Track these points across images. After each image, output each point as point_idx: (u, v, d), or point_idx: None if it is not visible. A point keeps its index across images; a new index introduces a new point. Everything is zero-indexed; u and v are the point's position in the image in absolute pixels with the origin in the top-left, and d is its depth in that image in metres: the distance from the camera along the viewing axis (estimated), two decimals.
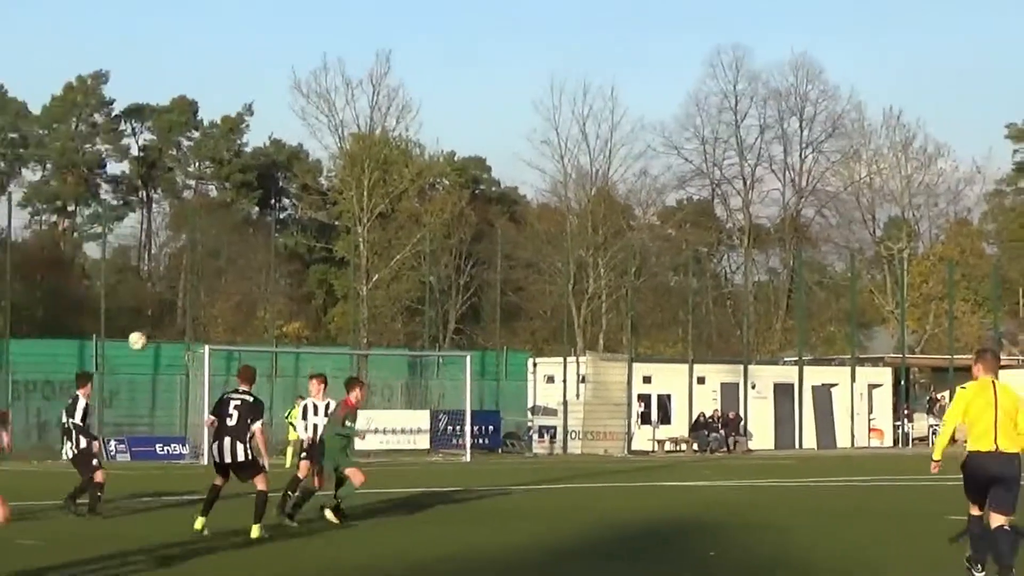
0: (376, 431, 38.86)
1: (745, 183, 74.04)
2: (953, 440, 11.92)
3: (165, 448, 37.33)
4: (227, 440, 15.02)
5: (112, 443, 37.16)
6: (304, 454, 17.50)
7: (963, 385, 11.79)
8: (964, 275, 68.38)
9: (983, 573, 11.38)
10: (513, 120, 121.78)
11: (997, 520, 11.12)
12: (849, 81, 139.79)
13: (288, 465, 34.36)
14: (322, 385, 17.89)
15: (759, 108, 74.10)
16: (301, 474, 17.08)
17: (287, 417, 35.94)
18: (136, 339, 19.29)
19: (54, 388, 39.71)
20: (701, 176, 74.98)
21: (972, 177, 71.08)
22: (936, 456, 11.79)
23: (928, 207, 70.78)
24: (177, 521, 16.08)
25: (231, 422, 15.08)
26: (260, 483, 15.08)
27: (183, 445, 37.14)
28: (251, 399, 15.29)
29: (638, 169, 64.91)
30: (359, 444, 18.50)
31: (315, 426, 17.34)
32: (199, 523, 14.99)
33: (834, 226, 72.71)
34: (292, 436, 35.53)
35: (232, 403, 15.25)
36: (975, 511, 11.56)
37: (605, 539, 14.87)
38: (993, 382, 11.46)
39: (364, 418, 38.95)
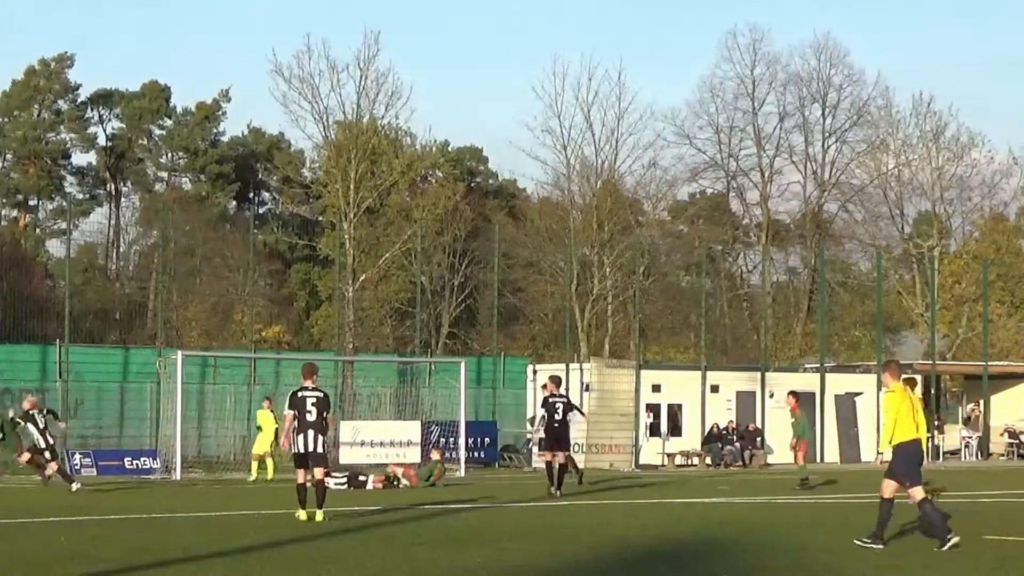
0: (363, 443, 38.91)
1: (763, 175, 74.11)
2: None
3: (134, 462, 37.35)
4: (310, 433, 18.74)
5: (77, 457, 37.17)
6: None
7: (891, 389, 16.01)
8: (1000, 275, 68.46)
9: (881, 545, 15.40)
10: (512, 107, 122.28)
11: (920, 493, 15.69)
12: (876, 65, 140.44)
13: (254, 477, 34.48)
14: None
15: (778, 94, 74.25)
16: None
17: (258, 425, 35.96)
18: None
19: (14, 396, 39.71)
20: (715, 168, 75.11)
21: (1009, 169, 71.11)
22: (882, 449, 15.94)
23: (961, 201, 70.81)
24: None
25: (311, 417, 18.75)
26: (322, 472, 18.97)
27: (154, 459, 37.13)
28: (323, 394, 19.06)
29: (647, 160, 64.87)
30: (346, 458, 19.38)
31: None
32: (304, 514, 18.68)
33: (859, 222, 72.75)
34: (260, 448, 35.53)
35: (309, 400, 18.78)
36: (921, 492, 15.65)
37: (610, 560, 14.87)
38: (904, 385, 16.02)
39: (350, 429, 39.44)
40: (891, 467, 15.85)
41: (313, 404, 18.86)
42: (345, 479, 29.49)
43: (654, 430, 45.62)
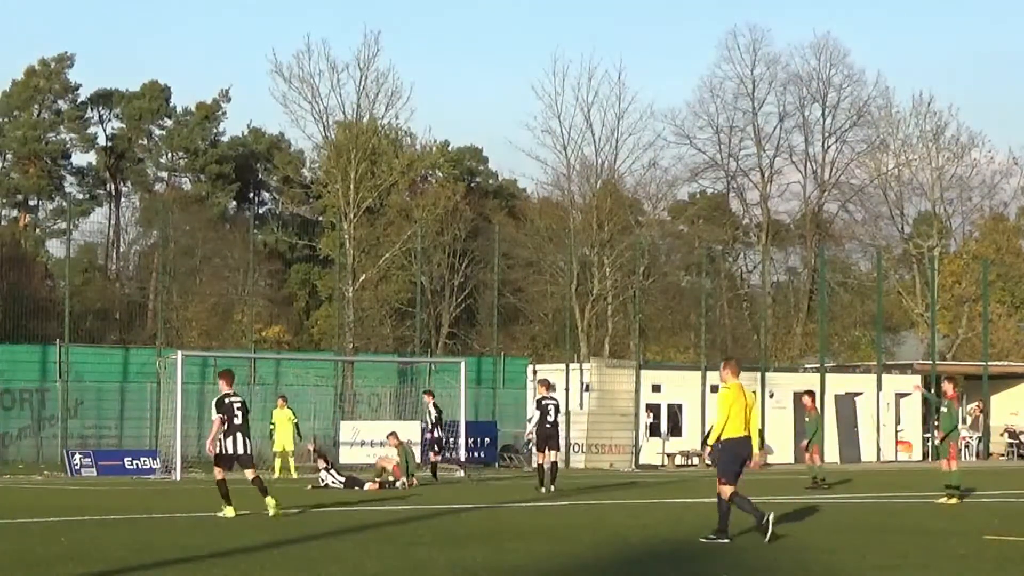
0: (363, 443, 38.95)
1: (763, 175, 74.11)
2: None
3: (134, 462, 37.36)
4: (239, 435, 19.84)
5: (77, 457, 37.17)
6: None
7: (726, 386, 16.36)
8: (1000, 275, 68.50)
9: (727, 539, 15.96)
10: (512, 107, 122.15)
11: (728, 492, 16.18)
12: (876, 65, 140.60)
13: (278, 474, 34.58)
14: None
15: (778, 94, 74.25)
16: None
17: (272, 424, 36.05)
18: None
19: (14, 396, 39.78)
20: (715, 168, 75.10)
21: (1009, 169, 71.18)
22: (711, 442, 16.40)
23: (961, 201, 70.84)
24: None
25: (238, 420, 19.85)
26: (253, 473, 20.05)
27: (154, 459, 37.14)
28: (242, 398, 20.25)
29: (647, 160, 64.80)
30: (346, 458, 19.47)
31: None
32: (231, 511, 19.57)
33: (859, 222, 72.80)
34: (278, 445, 35.74)
35: (235, 404, 19.91)
36: (731, 489, 16.13)
37: (609, 560, 14.87)
38: (741, 384, 16.38)
39: (350, 429, 39.45)
40: (719, 461, 16.58)
41: (239, 408, 20.02)
42: (343, 480, 29.52)
43: (654, 430, 45.64)
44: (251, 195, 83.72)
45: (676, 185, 71.25)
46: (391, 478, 30.05)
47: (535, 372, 46.46)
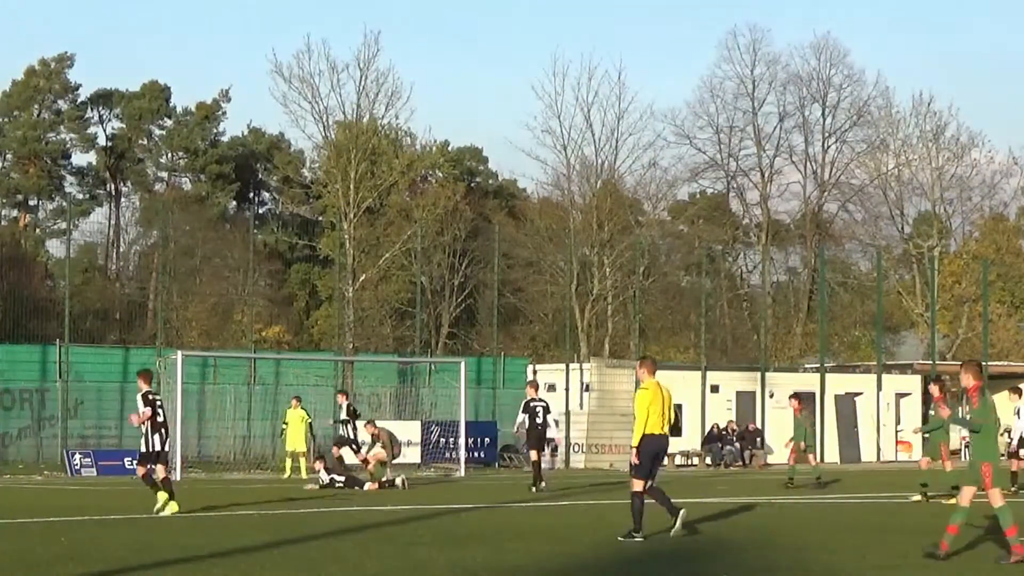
0: (363, 443, 38.88)
1: (763, 175, 74.13)
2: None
3: (134, 462, 37.28)
4: (163, 432, 20.76)
5: (77, 457, 37.17)
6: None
7: (644, 386, 16.83)
8: (1000, 275, 68.48)
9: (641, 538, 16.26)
10: (512, 107, 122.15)
11: (637, 486, 16.60)
12: (876, 65, 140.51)
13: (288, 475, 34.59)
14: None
15: (778, 94, 74.27)
16: None
17: (284, 423, 36.02)
18: None
19: (14, 396, 39.75)
20: (715, 168, 75.12)
21: (1009, 169, 71.12)
22: (634, 444, 16.63)
23: (961, 201, 70.81)
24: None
25: (160, 418, 20.71)
26: (165, 470, 20.98)
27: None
28: (160, 398, 21.22)
29: (647, 160, 64.85)
30: (346, 458, 19.32)
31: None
32: (175, 506, 20.14)
33: (859, 222, 72.79)
34: (291, 445, 35.73)
35: (158, 402, 20.83)
36: (641, 486, 16.55)
37: (609, 560, 14.87)
38: (658, 382, 16.79)
39: (349, 429, 39.28)
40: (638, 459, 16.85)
41: (160, 406, 20.96)
42: (343, 480, 29.50)
43: None
44: (251, 195, 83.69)
45: (676, 185, 71.36)
46: (390, 475, 30.04)
47: (535, 372, 46.49)
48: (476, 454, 41.45)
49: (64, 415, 39.32)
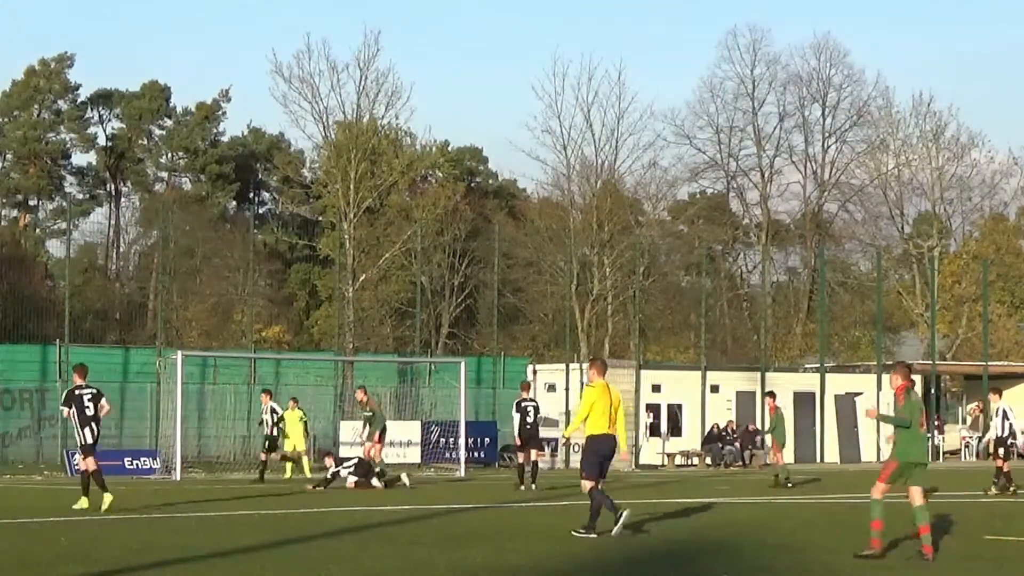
0: (363, 443, 38.85)
1: (763, 175, 74.16)
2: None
3: (134, 462, 37.30)
4: (93, 426, 20.93)
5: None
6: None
7: (592, 385, 17.28)
8: (1000, 275, 68.47)
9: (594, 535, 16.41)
10: (512, 107, 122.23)
11: (588, 486, 16.74)
12: (876, 65, 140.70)
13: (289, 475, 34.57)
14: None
15: (778, 94, 74.34)
16: None
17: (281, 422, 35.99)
18: None
19: (14, 396, 39.75)
20: (715, 168, 75.16)
21: (1009, 169, 71.15)
22: (567, 433, 17.93)
23: (961, 201, 70.82)
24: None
25: (90, 412, 20.90)
26: (94, 463, 21.01)
27: (154, 459, 37.12)
28: (95, 390, 21.19)
29: (647, 160, 64.83)
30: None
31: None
32: (110, 496, 20.52)
33: (859, 222, 72.78)
34: (289, 445, 35.70)
35: (85, 396, 20.96)
36: (591, 484, 16.70)
37: (609, 560, 14.87)
38: (607, 384, 17.26)
39: (350, 429, 39.37)
40: (582, 457, 17.42)
41: (89, 400, 21.05)
42: (352, 468, 29.29)
43: (654, 430, 45.63)
44: (251, 195, 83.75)
45: (676, 185, 71.39)
46: (391, 472, 30.03)
47: (535, 372, 46.48)
48: (476, 454, 41.45)
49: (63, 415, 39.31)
